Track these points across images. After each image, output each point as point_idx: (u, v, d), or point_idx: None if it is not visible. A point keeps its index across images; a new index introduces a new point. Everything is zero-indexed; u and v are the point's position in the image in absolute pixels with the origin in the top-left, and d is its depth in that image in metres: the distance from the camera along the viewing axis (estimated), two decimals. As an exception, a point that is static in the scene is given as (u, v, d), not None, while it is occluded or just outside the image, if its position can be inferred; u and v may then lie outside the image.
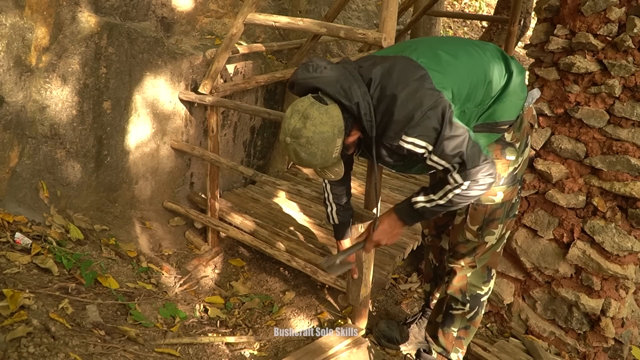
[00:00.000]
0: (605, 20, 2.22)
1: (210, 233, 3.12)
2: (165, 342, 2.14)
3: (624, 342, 2.42)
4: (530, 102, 1.87)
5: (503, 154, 1.83)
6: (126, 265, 2.60)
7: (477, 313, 2.10)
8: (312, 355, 2.16)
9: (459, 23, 8.52)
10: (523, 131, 1.85)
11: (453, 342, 2.15)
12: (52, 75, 2.44)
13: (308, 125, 1.48)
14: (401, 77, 1.53)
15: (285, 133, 1.53)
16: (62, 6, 2.42)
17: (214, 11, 3.45)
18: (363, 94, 1.54)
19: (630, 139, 2.24)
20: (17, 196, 2.45)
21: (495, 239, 1.97)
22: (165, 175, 3.12)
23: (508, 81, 1.73)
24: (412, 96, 1.50)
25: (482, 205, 1.90)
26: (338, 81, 1.54)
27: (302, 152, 1.51)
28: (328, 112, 1.50)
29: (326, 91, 1.53)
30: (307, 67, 1.61)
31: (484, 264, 2.03)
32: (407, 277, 3.09)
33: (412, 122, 1.50)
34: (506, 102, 1.74)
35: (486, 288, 2.06)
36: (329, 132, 1.50)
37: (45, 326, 1.75)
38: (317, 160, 1.53)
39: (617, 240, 2.27)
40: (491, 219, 1.92)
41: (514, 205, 1.98)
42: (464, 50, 1.71)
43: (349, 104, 1.52)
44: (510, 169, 1.86)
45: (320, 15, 4.52)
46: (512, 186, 1.90)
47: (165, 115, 2.99)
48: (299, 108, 1.51)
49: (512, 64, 1.76)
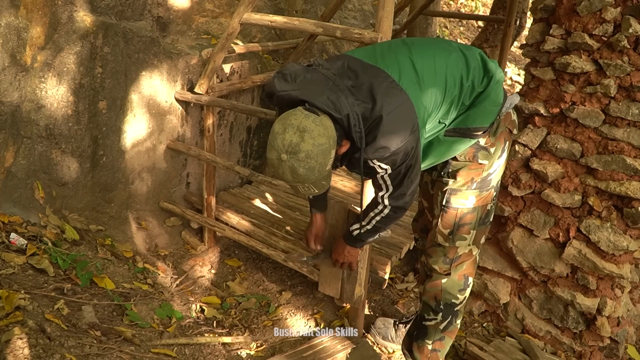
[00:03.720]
0: (600, 20, 2.23)
1: (207, 233, 3.12)
2: (162, 342, 2.14)
3: (620, 341, 2.43)
4: (508, 107, 1.82)
5: (475, 157, 1.81)
6: (122, 265, 2.59)
7: (451, 323, 2.08)
8: (310, 356, 2.16)
9: (455, 23, 8.53)
10: (499, 136, 1.83)
11: (429, 356, 2.13)
12: (47, 74, 2.43)
13: (306, 138, 1.42)
14: (386, 99, 1.52)
15: (278, 150, 1.44)
16: (57, 5, 2.41)
17: (210, 11, 3.44)
18: (351, 104, 1.50)
19: (626, 139, 2.25)
20: (12, 196, 2.44)
21: (467, 245, 1.95)
22: (161, 175, 3.11)
23: (485, 88, 1.72)
24: (393, 127, 1.52)
25: (453, 208, 1.89)
26: (324, 92, 1.49)
27: (300, 167, 1.44)
28: (323, 123, 1.45)
29: (314, 104, 1.47)
30: (284, 77, 1.55)
31: (460, 272, 2.01)
32: (404, 277, 3.10)
33: (386, 152, 1.55)
34: (480, 109, 1.72)
35: (462, 297, 2.04)
36: (326, 143, 1.46)
37: (40, 327, 1.74)
38: (315, 174, 1.48)
39: (613, 239, 2.28)
40: (462, 224, 1.90)
41: (489, 212, 1.95)
42: (443, 61, 1.68)
43: (340, 117, 1.48)
44: (483, 174, 1.84)
45: (317, 15, 4.52)
46: (486, 191, 1.88)
47: (161, 115, 2.98)
48: (292, 122, 1.44)
49: (491, 70, 1.73)
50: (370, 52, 1.68)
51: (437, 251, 1.99)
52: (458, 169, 1.85)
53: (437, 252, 1.99)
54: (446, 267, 1.99)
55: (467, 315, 2.77)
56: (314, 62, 1.61)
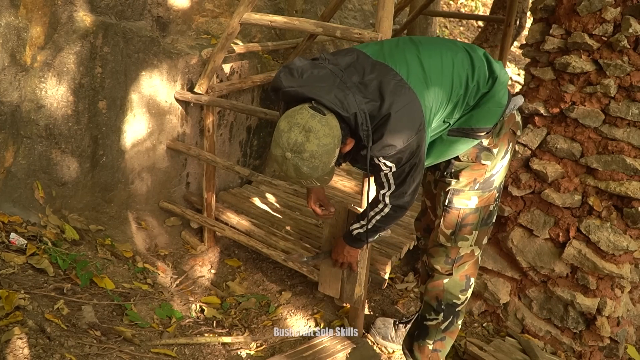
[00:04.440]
0: (600, 20, 2.23)
1: (207, 233, 3.12)
2: (162, 342, 2.14)
3: (620, 341, 2.43)
4: (512, 108, 1.82)
5: (478, 158, 1.81)
6: (122, 265, 2.59)
7: (452, 323, 2.08)
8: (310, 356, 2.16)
9: (455, 23, 8.53)
10: (503, 137, 1.83)
11: (429, 356, 2.12)
12: (47, 74, 2.43)
13: (311, 138, 1.43)
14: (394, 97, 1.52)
15: (283, 148, 1.45)
16: (57, 5, 2.41)
17: (209, 11, 3.44)
18: (359, 102, 1.49)
19: (626, 139, 2.25)
20: (12, 196, 2.44)
21: (469, 246, 1.95)
22: (161, 175, 3.11)
23: (490, 88, 1.71)
24: (400, 125, 1.52)
25: (455, 208, 1.89)
26: (331, 90, 1.48)
27: (304, 166, 1.45)
28: (328, 123, 1.45)
29: (322, 102, 1.47)
30: (290, 72, 1.54)
31: (462, 272, 2.01)
32: (404, 277, 3.10)
33: (393, 150, 1.54)
34: (484, 109, 1.72)
35: (463, 297, 2.04)
36: (331, 143, 1.46)
37: (40, 327, 1.74)
38: (318, 172, 1.49)
39: (613, 239, 2.28)
40: (464, 224, 1.90)
41: (491, 212, 1.95)
42: (449, 60, 1.67)
43: (347, 115, 1.48)
44: (486, 175, 1.84)
45: (317, 15, 4.52)
46: (489, 192, 1.88)
47: (161, 114, 2.98)
48: (298, 121, 1.44)
49: (496, 70, 1.73)
50: (378, 49, 1.68)
51: (439, 251, 1.99)
52: (461, 170, 1.85)
53: (439, 252, 1.99)
54: (448, 267, 1.99)
55: (467, 315, 2.77)
56: (320, 57, 1.61)
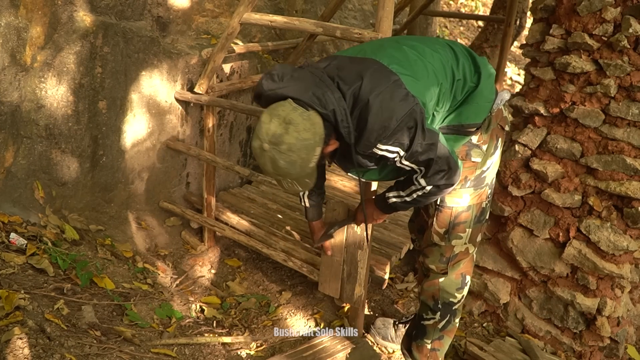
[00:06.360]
0: (600, 20, 2.23)
1: (207, 233, 3.12)
2: (162, 342, 2.14)
3: (620, 341, 2.43)
4: (499, 103, 1.81)
5: (468, 155, 1.80)
6: (122, 265, 2.59)
7: (450, 322, 2.08)
8: (310, 356, 2.16)
9: (455, 23, 8.53)
10: (491, 133, 1.82)
11: (428, 355, 2.12)
12: (47, 74, 2.43)
13: (291, 131, 1.41)
14: (374, 82, 1.48)
15: (261, 139, 1.43)
16: (57, 5, 2.41)
17: (209, 10, 3.44)
18: (337, 99, 1.47)
19: (626, 139, 2.25)
20: (12, 196, 2.44)
21: (464, 244, 1.95)
22: (161, 175, 3.11)
23: (477, 83, 1.69)
24: (386, 104, 1.46)
25: (448, 207, 1.88)
26: (309, 88, 1.47)
27: (280, 159, 1.43)
28: (311, 119, 1.44)
29: (299, 100, 1.45)
30: (271, 77, 1.53)
31: (457, 270, 2.01)
32: (404, 277, 3.10)
33: (386, 131, 1.48)
34: (473, 105, 1.70)
35: (459, 295, 2.03)
36: (311, 139, 1.44)
37: (40, 327, 1.74)
38: (296, 169, 1.46)
39: (613, 239, 2.28)
40: (457, 223, 1.90)
41: (484, 210, 1.94)
42: (433, 53, 1.65)
43: (325, 112, 1.46)
44: (477, 172, 1.83)
45: (317, 14, 4.52)
46: (481, 189, 1.88)
47: (161, 114, 2.98)
48: (279, 112, 1.43)
49: (481, 65, 1.72)
50: (359, 49, 1.66)
51: (433, 251, 1.99)
52: None
53: (434, 252, 1.99)
54: (443, 266, 1.99)
55: (467, 315, 2.77)
56: (303, 64, 1.60)
